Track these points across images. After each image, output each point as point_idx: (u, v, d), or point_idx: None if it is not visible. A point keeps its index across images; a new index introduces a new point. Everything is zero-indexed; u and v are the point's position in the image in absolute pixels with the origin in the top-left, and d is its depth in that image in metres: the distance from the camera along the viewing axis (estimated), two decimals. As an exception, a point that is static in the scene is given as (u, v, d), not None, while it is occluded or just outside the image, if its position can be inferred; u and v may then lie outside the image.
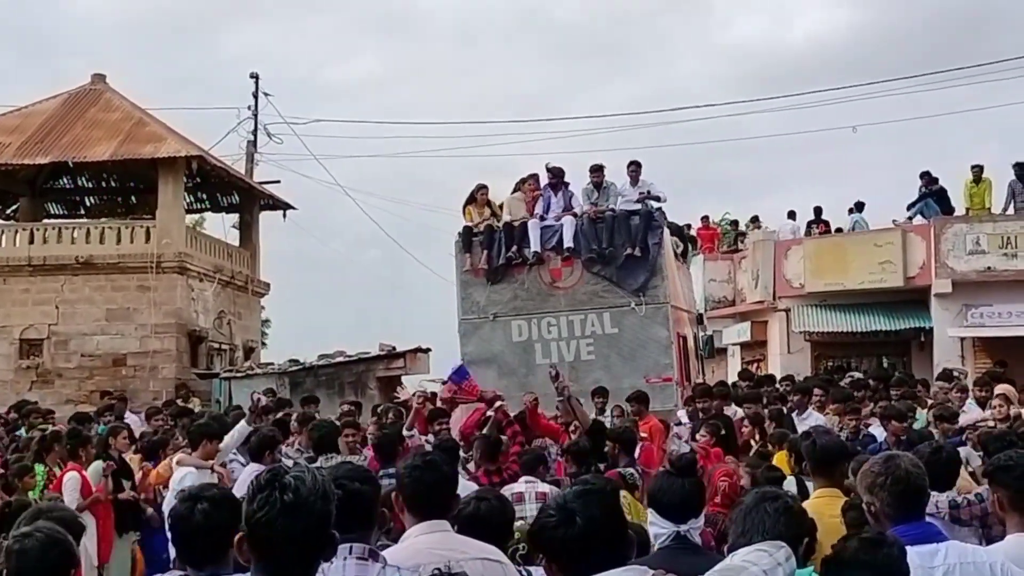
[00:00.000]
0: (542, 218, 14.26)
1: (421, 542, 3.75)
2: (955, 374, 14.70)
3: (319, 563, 2.65)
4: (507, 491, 6.45)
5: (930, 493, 4.19)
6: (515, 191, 14.88)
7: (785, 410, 11.15)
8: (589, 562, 3.00)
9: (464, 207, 14.89)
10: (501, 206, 15.02)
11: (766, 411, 10.98)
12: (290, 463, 7.05)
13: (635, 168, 14.56)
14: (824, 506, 4.99)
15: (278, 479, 2.57)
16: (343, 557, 3.20)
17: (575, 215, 14.15)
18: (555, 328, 13.98)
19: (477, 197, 14.86)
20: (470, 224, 14.56)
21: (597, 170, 14.48)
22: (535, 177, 14.80)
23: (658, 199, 14.46)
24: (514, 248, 14.07)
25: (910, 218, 20.72)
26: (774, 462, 7.93)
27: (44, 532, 3.46)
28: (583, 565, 3.02)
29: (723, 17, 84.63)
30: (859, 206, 22.84)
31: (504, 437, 8.86)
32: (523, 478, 7.37)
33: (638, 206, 14.13)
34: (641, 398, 11.18)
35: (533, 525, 3.34)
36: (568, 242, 13.94)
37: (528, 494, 6.99)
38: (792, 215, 24.38)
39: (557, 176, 14.50)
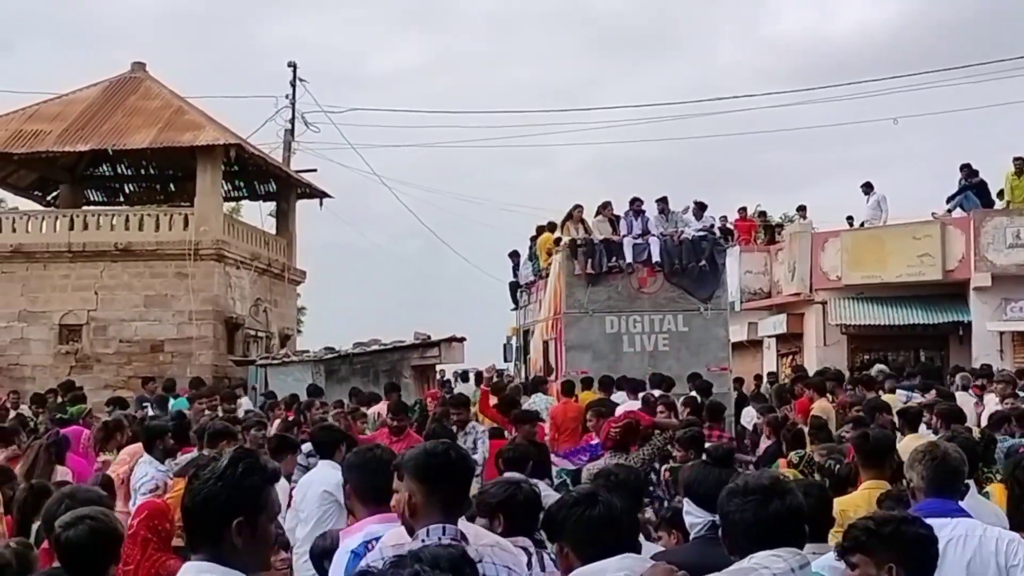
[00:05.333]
0: (636, 236, 17.62)
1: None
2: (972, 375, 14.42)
3: (221, 541, 2.68)
4: None
5: (967, 482, 4.41)
6: (597, 214, 18.42)
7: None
8: (602, 546, 3.10)
9: (563, 223, 18.51)
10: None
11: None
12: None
13: (699, 207, 18.42)
14: (873, 496, 5.30)
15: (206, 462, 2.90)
16: None
17: (656, 236, 17.60)
18: (639, 324, 17.34)
19: (574, 215, 18.47)
20: (574, 237, 17.85)
21: (662, 200, 18.28)
22: (610, 204, 18.51)
23: (715, 232, 18.34)
24: (614, 259, 17.42)
25: (949, 211, 20.49)
26: None
27: (91, 518, 3.51)
28: (597, 548, 3.08)
29: (772, 8, 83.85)
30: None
31: None
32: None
33: (704, 233, 17.74)
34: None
35: (553, 506, 3.39)
36: (656, 257, 17.44)
37: None
38: (868, 186, 21.91)
39: (637, 203, 18.03)
